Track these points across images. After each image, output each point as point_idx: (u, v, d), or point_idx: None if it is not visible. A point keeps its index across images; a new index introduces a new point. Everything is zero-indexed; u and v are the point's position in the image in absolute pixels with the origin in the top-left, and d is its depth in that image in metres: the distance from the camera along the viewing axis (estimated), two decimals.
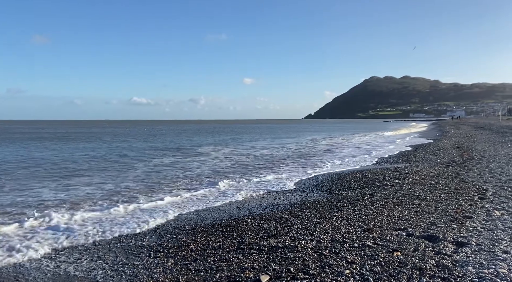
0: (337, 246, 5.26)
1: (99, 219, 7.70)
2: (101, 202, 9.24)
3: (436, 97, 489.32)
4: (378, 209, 7.42)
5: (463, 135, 32.49)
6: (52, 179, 12.86)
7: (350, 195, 9.30)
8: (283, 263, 4.72)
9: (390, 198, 8.47)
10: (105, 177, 13.28)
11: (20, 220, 7.42)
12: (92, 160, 18.94)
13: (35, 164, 17.23)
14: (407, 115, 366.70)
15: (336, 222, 6.56)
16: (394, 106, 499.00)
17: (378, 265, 4.47)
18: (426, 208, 7.32)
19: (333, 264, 4.57)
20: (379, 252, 4.92)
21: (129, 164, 16.89)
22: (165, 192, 10.53)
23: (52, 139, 38.86)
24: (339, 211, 7.39)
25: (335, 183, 11.48)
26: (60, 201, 9.38)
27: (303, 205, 8.34)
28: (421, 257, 4.69)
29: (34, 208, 8.41)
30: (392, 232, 5.81)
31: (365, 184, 10.82)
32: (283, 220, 6.99)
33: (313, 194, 9.92)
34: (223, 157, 19.69)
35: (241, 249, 5.43)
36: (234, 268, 4.69)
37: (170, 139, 39.26)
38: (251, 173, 14.17)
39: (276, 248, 5.32)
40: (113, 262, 5.29)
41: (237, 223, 7.03)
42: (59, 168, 15.63)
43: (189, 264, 4.96)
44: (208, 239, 6.07)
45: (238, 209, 8.50)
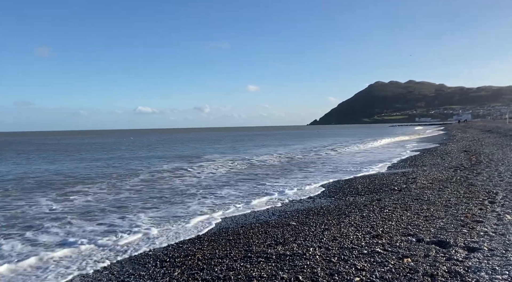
0: (346, 253, 5.17)
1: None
2: (102, 214, 9.22)
3: (442, 101, 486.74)
4: (386, 214, 7.31)
5: (470, 139, 32.18)
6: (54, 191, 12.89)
7: (358, 200, 9.20)
8: (291, 271, 4.65)
9: (399, 203, 8.35)
10: (107, 186, 13.27)
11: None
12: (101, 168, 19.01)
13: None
14: (413, 120, 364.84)
15: (344, 228, 6.47)
16: (399, 111, 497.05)
17: (388, 272, 4.38)
18: (436, 213, 7.20)
19: (342, 271, 4.49)
20: (389, 258, 4.83)
21: (134, 170, 16.90)
22: (172, 201, 10.49)
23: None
24: (347, 217, 7.30)
25: (342, 188, 11.38)
26: (56, 213, 9.39)
27: (311, 212, 8.25)
28: (432, 263, 4.59)
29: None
30: (402, 238, 5.71)
31: (373, 189, 10.70)
32: (290, 227, 6.92)
33: (320, 200, 9.83)
34: (229, 164, 19.65)
35: (248, 257, 5.37)
36: (242, 277, 4.62)
37: (174, 147, 39.33)
38: (256, 181, 14.11)
39: (284, 256, 5.24)
40: (119, 273, 5.25)
41: (244, 230, 6.97)
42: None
43: (196, 273, 4.90)
44: (214, 247, 6.01)
45: (244, 216, 8.44)
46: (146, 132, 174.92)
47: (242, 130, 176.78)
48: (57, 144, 54.71)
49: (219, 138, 66.89)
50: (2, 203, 10.54)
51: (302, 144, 40.98)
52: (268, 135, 75.98)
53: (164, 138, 74.18)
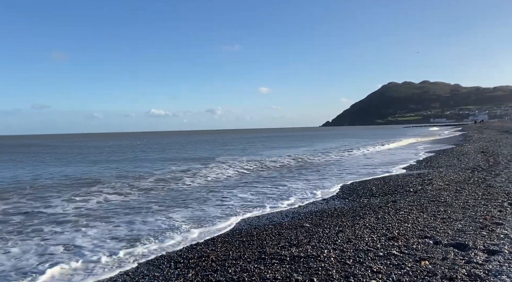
0: (361, 255, 5.09)
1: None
2: (116, 216, 9.31)
3: (457, 101, 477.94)
4: (402, 216, 7.19)
5: (488, 139, 31.48)
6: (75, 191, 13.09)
7: (372, 202, 9.07)
8: (306, 273, 4.60)
9: (414, 204, 8.21)
10: (121, 186, 13.40)
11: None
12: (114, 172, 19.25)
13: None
14: (427, 121, 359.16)
15: (359, 230, 6.38)
16: (413, 111, 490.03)
17: (405, 275, 4.29)
18: (453, 214, 7.04)
19: (358, 274, 4.42)
20: (405, 261, 4.74)
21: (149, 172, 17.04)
22: (185, 204, 10.54)
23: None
24: (362, 219, 7.20)
25: (356, 190, 11.25)
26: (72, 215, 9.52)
27: (324, 213, 8.18)
28: (451, 266, 4.48)
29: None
30: (419, 240, 5.59)
31: (387, 191, 10.55)
32: (304, 229, 6.86)
33: (334, 202, 9.74)
34: (241, 166, 19.65)
35: (262, 259, 5.34)
36: (256, 278, 4.59)
37: (187, 149, 39.58)
38: (268, 183, 14.08)
39: (298, 258, 5.19)
40: (134, 274, 5.28)
41: (257, 232, 6.94)
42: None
43: (210, 274, 4.89)
44: (228, 249, 6.00)
45: (257, 218, 8.41)
46: (159, 134, 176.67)
47: (254, 132, 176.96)
48: (73, 146, 55.68)
49: (231, 140, 67.07)
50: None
51: (314, 145, 40.74)
52: (280, 137, 75.85)
53: (177, 140, 74.78)
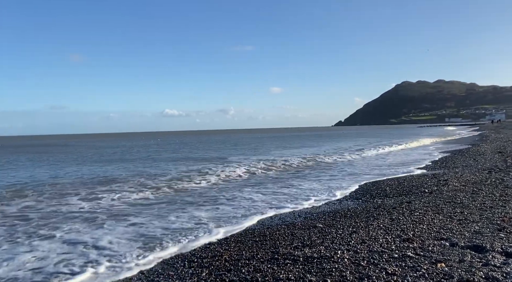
0: (375, 256, 5.05)
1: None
2: (130, 216, 9.43)
3: (473, 100, 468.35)
4: (417, 217, 7.09)
5: (505, 139, 30.77)
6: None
7: (386, 203, 8.98)
8: (319, 274, 4.58)
9: (430, 205, 8.09)
10: (135, 185, 13.57)
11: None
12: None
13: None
14: (442, 120, 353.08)
15: (373, 231, 6.32)
16: (428, 111, 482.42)
17: (421, 277, 4.24)
18: (470, 216, 6.92)
19: (372, 275, 4.39)
20: (421, 263, 4.68)
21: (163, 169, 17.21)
22: (198, 203, 10.62)
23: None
24: (376, 220, 7.13)
25: (370, 190, 11.14)
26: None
27: (337, 214, 8.13)
28: (468, 269, 4.41)
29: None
30: (434, 242, 5.51)
31: (402, 192, 10.42)
32: (317, 229, 6.83)
33: (347, 202, 9.68)
34: (253, 166, 19.66)
35: (275, 259, 5.34)
36: (269, 279, 4.60)
37: (200, 149, 39.80)
38: (280, 183, 14.06)
39: (311, 258, 5.18)
40: (149, 272, 5.35)
41: (270, 232, 6.94)
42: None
43: (223, 274, 4.92)
44: (241, 248, 6.02)
45: (270, 218, 8.41)
46: (173, 134, 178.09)
47: (266, 131, 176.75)
48: (89, 146, 56.62)
49: (243, 140, 67.16)
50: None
51: (326, 145, 40.47)
52: (292, 137, 75.60)
53: (190, 140, 75.29)
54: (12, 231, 7.85)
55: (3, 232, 7.81)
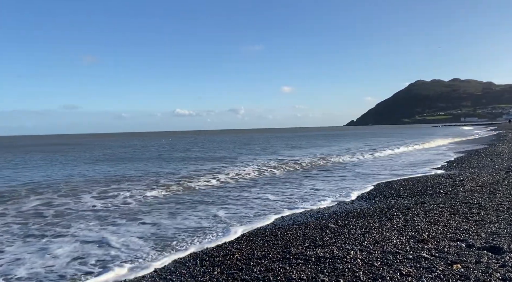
0: (389, 257, 4.97)
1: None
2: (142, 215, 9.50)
3: (490, 100, 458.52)
4: (432, 218, 6.96)
5: None
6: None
7: (400, 203, 8.84)
8: (332, 274, 4.53)
9: (445, 206, 7.93)
10: (148, 184, 13.68)
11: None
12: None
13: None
14: (457, 120, 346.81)
15: (386, 232, 6.23)
16: (443, 110, 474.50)
17: (436, 278, 4.15)
18: (487, 217, 6.76)
19: (386, 276, 4.31)
20: (436, 264, 4.58)
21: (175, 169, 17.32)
22: (209, 203, 10.65)
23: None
24: (389, 220, 7.03)
25: (383, 191, 11.00)
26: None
27: (350, 214, 8.04)
28: (485, 270, 4.30)
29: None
30: (450, 243, 5.40)
31: (416, 192, 10.26)
32: (329, 229, 6.77)
33: (359, 203, 9.57)
34: (263, 166, 19.63)
35: (287, 259, 5.30)
36: (281, 278, 4.57)
37: (210, 149, 39.93)
38: (290, 183, 14.00)
39: (324, 259, 5.13)
40: (161, 270, 5.38)
41: (282, 232, 6.91)
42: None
43: (235, 273, 4.91)
44: (252, 248, 6.01)
45: (281, 218, 8.37)
46: (183, 134, 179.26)
47: (277, 131, 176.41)
48: (101, 146, 57.40)
49: (254, 139, 67.15)
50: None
51: (337, 145, 40.16)
52: (303, 137, 75.27)
53: (201, 139, 75.67)
54: (26, 229, 8.00)
55: (17, 229, 7.96)
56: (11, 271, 5.56)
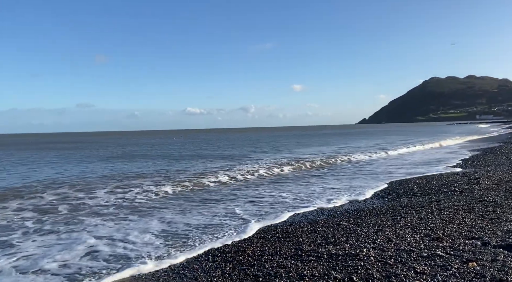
0: (403, 255, 4.91)
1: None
2: (156, 211, 9.58)
3: (506, 97, 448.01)
4: (447, 216, 6.85)
5: None
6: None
7: (414, 201, 8.72)
8: (345, 272, 4.50)
9: (460, 204, 7.80)
10: (159, 181, 13.80)
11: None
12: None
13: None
14: (473, 117, 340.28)
15: (400, 230, 6.15)
16: (457, 108, 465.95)
17: (451, 276, 4.08)
18: (503, 215, 6.62)
19: (400, 274, 4.26)
20: (451, 262, 4.51)
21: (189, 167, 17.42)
22: (214, 201, 10.68)
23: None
24: (403, 219, 6.94)
25: (396, 189, 10.86)
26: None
27: (362, 212, 7.96)
28: (501, 268, 4.22)
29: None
30: (465, 241, 5.31)
31: (430, 190, 10.10)
32: (341, 227, 6.72)
33: (372, 201, 9.47)
34: (274, 165, 19.59)
35: (299, 255, 5.29)
36: (293, 274, 4.56)
37: (221, 147, 40.06)
38: (301, 181, 13.95)
39: (336, 256, 5.09)
40: (174, 265, 5.42)
41: (293, 229, 6.89)
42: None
43: (247, 269, 4.92)
44: (264, 244, 6.01)
45: (293, 215, 8.35)
46: (194, 132, 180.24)
47: (287, 130, 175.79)
48: (115, 144, 58.16)
49: (264, 138, 67.09)
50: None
51: (349, 143, 39.80)
52: (314, 135, 74.85)
53: (211, 138, 76.02)
54: (40, 224, 8.14)
55: (32, 224, 8.11)
56: (26, 266, 5.64)
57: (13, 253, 6.21)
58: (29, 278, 5.21)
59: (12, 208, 9.80)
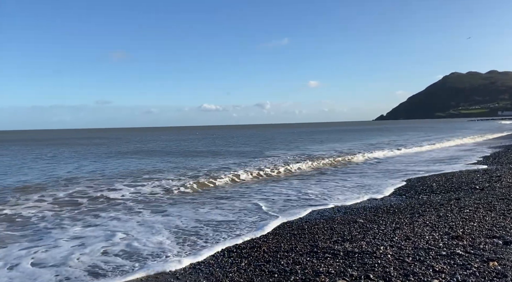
0: (421, 253, 4.82)
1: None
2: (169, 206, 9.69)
3: None
4: (467, 214, 6.69)
5: None
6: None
7: (433, 199, 8.55)
8: (361, 269, 4.45)
9: (481, 202, 7.60)
10: (177, 176, 13.94)
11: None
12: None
13: None
14: (495, 114, 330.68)
15: (418, 228, 6.05)
16: (479, 104, 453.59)
17: (471, 276, 3.99)
18: None
19: (418, 272, 4.19)
20: (471, 261, 4.41)
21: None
22: (234, 197, 10.72)
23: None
24: (421, 216, 6.82)
25: (414, 187, 10.67)
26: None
27: (379, 209, 7.86)
28: None
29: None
30: (486, 240, 5.17)
31: (450, 188, 9.88)
32: (357, 224, 6.65)
33: (389, 198, 9.33)
34: (289, 162, 19.52)
35: (315, 252, 5.26)
36: (309, 271, 4.54)
37: (236, 144, 40.17)
38: (316, 178, 13.86)
39: (352, 253, 5.05)
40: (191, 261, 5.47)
41: (309, 226, 6.86)
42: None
43: (262, 265, 4.93)
44: (279, 241, 6.00)
45: (309, 212, 8.30)
46: (210, 128, 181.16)
47: (303, 126, 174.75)
48: (131, 140, 59.12)
49: (280, 134, 66.86)
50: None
51: (366, 140, 39.25)
52: (329, 132, 74.13)
53: (227, 134, 76.28)
54: (59, 218, 8.33)
55: (51, 217, 8.33)
56: (41, 260, 5.69)
57: (33, 246, 6.35)
58: (50, 271, 5.33)
59: (33, 199, 10.10)
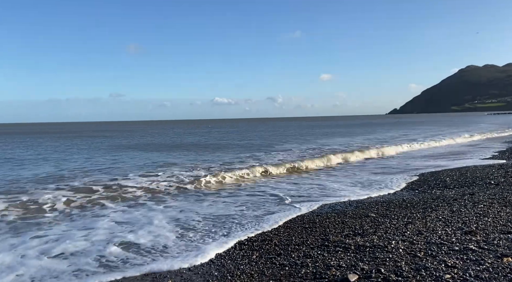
0: (433, 248, 4.79)
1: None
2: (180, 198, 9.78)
3: None
4: (481, 209, 6.60)
5: None
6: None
7: (446, 194, 8.45)
8: (372, 263, 4.45)
9: (496, 198, 7.48)
10: (190, 169, 14.05)
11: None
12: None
13: None
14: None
15: (430, 223, 6.00)
16: (496, 97, 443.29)
17: (485, 271, 3.95)
18: None
19: (430, 267, 4.17)
20: (485, 256, 4.36)
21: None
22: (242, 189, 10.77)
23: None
24: (434, 211, 6.76)
25: (427, 181, 10.55)
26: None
27: (391, 204, 7.81)
28: None
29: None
30: (500, 236, 5.11)
31: (464, 183, 9.74)
32: (369, 219, 6.63)
33: (401, 193, 9.26)
34: (300, 156, 19.49)
35: (326, 246, 5.28)
36: (319, 264, 4.56)
37: (248, 137, 40.22)
38: (327, 173, 13.80)
39: (364, 247, 5.05)
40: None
41: (320, 219, 6.87)
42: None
43: (273, 258, 4.97)
44: (290, 234, 6.03)
45: (320, 206, 8.31)
46: (222, 122, 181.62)
47: (315, 120, 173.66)
48: (146, 133, 59.75)
49: (292, 128, 66.67)
50: None
51: (378, 134, 38.84)
52: (342, 126, 73.54)
53: (239, 128, 76.39)
54: (70, 208, 8.50)
55: (62, 206, 8.51)
56: (50, 249, 5.74)
57: (44, 236, 6.48)
58: (63, 262, 5.44)
59: (50, 189, 10.33)
